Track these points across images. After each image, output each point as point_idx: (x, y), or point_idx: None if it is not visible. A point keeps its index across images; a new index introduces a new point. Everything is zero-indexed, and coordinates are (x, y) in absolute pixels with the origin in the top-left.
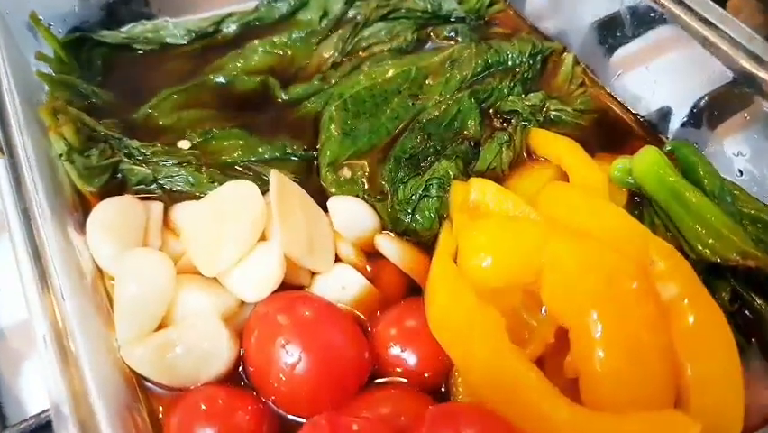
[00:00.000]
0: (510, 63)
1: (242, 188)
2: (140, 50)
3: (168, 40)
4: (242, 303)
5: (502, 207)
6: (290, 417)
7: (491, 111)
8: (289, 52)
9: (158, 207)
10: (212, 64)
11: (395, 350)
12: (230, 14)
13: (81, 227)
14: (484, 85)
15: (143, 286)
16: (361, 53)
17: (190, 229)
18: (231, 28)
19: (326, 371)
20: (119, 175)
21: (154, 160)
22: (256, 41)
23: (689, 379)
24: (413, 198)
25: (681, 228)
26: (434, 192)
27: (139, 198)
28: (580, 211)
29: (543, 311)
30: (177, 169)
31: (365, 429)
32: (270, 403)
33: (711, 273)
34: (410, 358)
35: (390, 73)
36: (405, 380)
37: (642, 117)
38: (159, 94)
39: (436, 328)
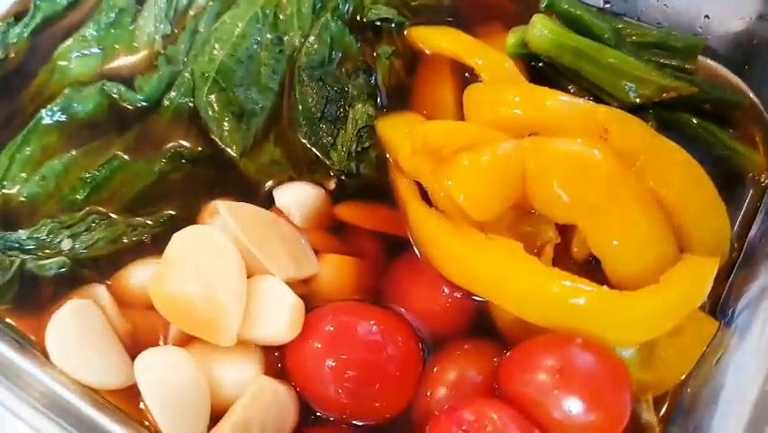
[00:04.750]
0: None
1: (196, 236)
2: None
3: None
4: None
5: (459, 140)
6: None
7: (360, 25)
8: (108, 44)
9: (101, 291)
10: (28, 91)
11: None
12: (4, 27)
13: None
14: None
15: (175, 393)
16: (188, 12)
17: (170, 302)
18: (19, 42)
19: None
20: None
21: (57, 240)
22: (64, 45)
23: (683, 220)
24: (350, 155)
25: (596, 82)
26: (367, 142)
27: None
28: (516, 108)
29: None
30: (88, 235)
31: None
32: None
33: (633, 112)
34: None
35: (239, 28)
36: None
37: None
38: None
39: (465, 280)
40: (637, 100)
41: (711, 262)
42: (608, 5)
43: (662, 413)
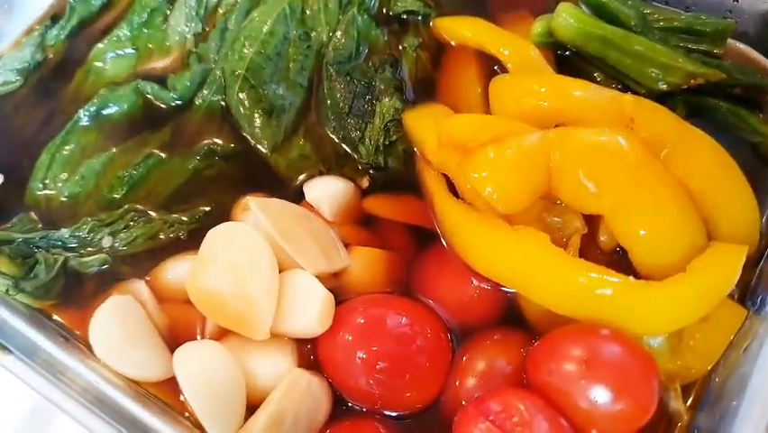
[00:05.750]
0: None
1: (229, 233)
2: None
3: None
4: (296, 340)
5: (485, 133)
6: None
7: (386, 18)
8: (141, 44)
9: (141, 286)
10: (65, 92)
11: None
12: (43, 29)
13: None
14: None
15: (212, 385)
16: (218, 10)
17: (205, 297)
18: (57, 44)
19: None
20: (71, 274)
21: (98, 238)
22: (99, 46)
23: (711, 209)
24: (378, 149)
25: (622, 70)
26: (394, 135)
27: (117, 289)
28: (542, 99)
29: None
30: (127, 232)
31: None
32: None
33: (661, 99)
34: None
35: (268, 25)
36: None
37: None
38: (38, 162)
39: (492, 272)
40: (665, 87)
41: (740, 250)
42: None
43: (689, 402)
